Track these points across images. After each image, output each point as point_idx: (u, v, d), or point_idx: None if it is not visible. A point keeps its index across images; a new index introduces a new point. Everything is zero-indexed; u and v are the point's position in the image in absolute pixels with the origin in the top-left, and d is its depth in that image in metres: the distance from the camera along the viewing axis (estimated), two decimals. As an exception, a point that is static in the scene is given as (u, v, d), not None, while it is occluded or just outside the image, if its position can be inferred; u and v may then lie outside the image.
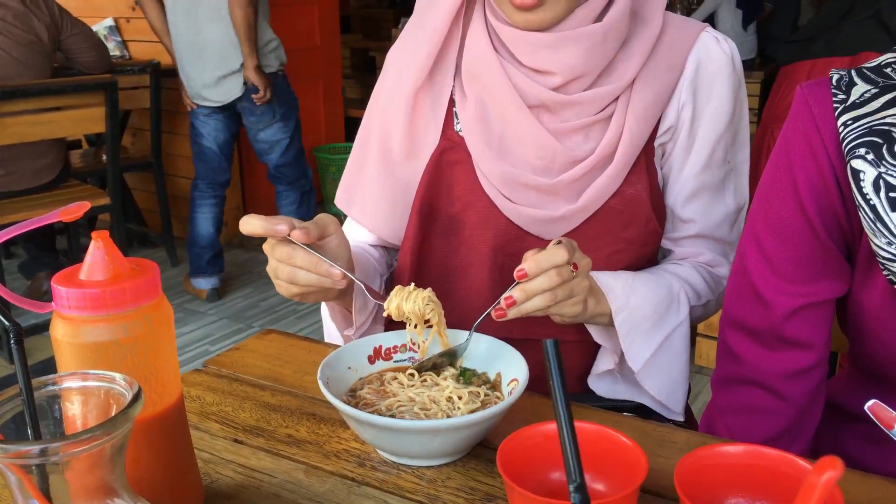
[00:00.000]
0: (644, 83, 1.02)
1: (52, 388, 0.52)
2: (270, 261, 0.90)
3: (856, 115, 0.79)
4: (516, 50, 1.00)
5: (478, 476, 0.75)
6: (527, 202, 1.03)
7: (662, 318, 1.02)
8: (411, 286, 0.89)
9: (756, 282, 0.89)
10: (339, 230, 0.93)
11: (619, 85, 1.01)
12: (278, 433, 0.83)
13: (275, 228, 0.86)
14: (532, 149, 1.02)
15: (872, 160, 0.76)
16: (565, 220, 1.03)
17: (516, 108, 1.00)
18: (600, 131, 1.03)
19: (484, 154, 1.03)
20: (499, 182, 1.02)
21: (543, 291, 0.86)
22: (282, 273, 0.89)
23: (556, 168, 1.02)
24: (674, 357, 1.03)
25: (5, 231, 0.60)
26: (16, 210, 2.98)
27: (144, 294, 0.61)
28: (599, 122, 1.02)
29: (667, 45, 1.04)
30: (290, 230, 0.86)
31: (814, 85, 0.84)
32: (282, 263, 0.88)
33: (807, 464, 0.60)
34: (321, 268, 0.88)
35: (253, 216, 0.87)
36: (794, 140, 0.84)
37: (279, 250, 0.88)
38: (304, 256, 0.88)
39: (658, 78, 1.03)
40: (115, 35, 4.26)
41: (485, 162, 1.03)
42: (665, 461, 0.76)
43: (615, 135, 1.01)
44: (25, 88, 2.89)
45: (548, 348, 0.43)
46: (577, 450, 0.43)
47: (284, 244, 0.88)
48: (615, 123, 1.02)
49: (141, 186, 4.35)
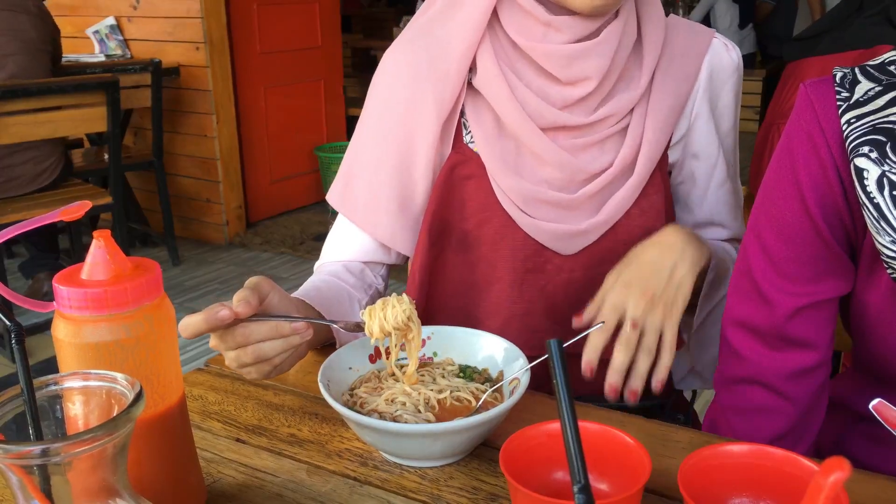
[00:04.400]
0: (660, 92, 1.02)
1: (53, 388, 0.52)
2: (227, 354, 0.82)
3: (859, 113, 0.78)
4: (550, 66, 0.97)
5: (481, 476, 0.75)
6: (547, 217, 1.02)
7: (717, 282, 1.02)
8: (380, 302, 0.84)
9: (759, 281, 0.89)
10: (273, 286, 0.86)
11: (636, 94, 1.01)
12: (280, 433, 0.83)
13: (217, 317, 0.78)
14: (548, 166, 1.01)
15: (876, 158, 0.75)
16: (587, 233, 1.02)
17: (529, 129, 0.99)
18: (616, 142, 1.03)
19: (501, 170, 1.01)
20: (518, 199, 1.01)
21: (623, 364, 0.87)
22: (247, 357, 0.81)
23: (575, 183, 1.02)
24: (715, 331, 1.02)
25: (7, 230, 0.60)
26: (16, 210, 2.97)
27: (146, 294, 0.60)
28: (615, 134, 1.02)
29: (679, 52, 1.03)
30: (233, 313, 0.78)
31: (817, 83, 0.83)
32: (241, 349, 0.81)
33: (811, 464, 0.59)
34: (284, 329, 0.81)
35: (188, 318, 0.79)
36: (798, 139, 0.84)
37: (231, 338, 0.80)
38: (260, 328, 0.80)
39: (674, 87, 1.03)
40: (116, 34, 4.26)
41: (503, 178, 1.01)
42: (669, 461, 0.76)
43: (633, 146, 1.01)
44: (26, 88, 2.88)
45: (551, 348, 0.43)
46: (581, 450, 0.43)
47: (232, 329, 0.80)
48: (632, 134, 1.01)
49: (142, 186, 4.35)
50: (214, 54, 4.08)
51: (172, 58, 4.10)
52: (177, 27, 4.09)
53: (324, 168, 4.77)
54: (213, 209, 4.32)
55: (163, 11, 4.10)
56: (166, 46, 4.13)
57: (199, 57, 4.07)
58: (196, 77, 4.11)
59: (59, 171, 3.20)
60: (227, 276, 3.82)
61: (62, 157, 3.23)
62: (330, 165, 4.73)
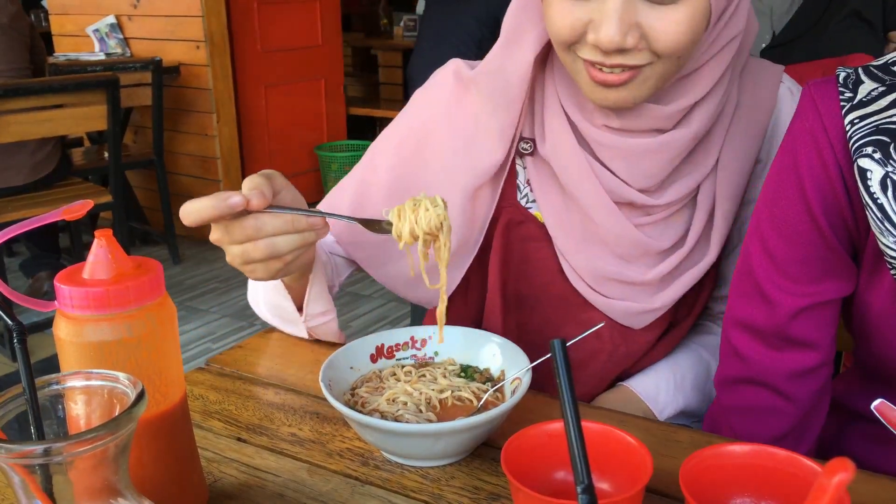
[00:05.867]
0: (729, 159, 0.96)
1: (55, 388, 0.52)
2: (231, 249, 0.76)
3: (863, 113, 0.78)
4: (599, 152, 0.94)
5: (482, 475, 0.75)
6: (617, 295, 0.99)
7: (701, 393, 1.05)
8: (410, 201, 0.77)
9: (762, 282, 0.89)
10: (287, 183, 0.79)
11: (705, 169, 0.96)
12: (281, 432, 0.83)
13: (228, 203, 0.71)
14: (617, 244, 0.97)
15: (880, 159, 0.75)
16: (658, 310, 1.00)
17: (605, 208, 0.94)
18: (686, 214, 0.99)
19: (568, 246, 0.97)
20: (588, 276, 0.98)
21: None
22: (256, 252, 0.75)
23: (644, 260, 0.99)
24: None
25: (8, 230, 0.60)
26: (17, 208, 2.98)
27: (148, 293, 0.60)
28: (684, 207, 0.99)
29: (748, 105, 0.97)
30: (245, 200, 0.72)
31: (821, 83, 0.83)
32: (250, 242, 0.75)
33: (813, 464, 0.59)
34: (300, 223, 0.75)
35: (190, 203, 0.71)
36: (801, 139, 0.84)
37: (240, 229, 0.74)
38: (274, 220, 0.74)
39: (741, 150, 0.97)
40: (116, 32, 4.26)
41: (572, 255, 0.98)
42: (671, 461, 0.75)
43: (703, 219, 0.97)
44: (27, 86, 2.89)
45: (555, 348, 0.43)
46: (584, 451, 0.43)
47: (241, 220, 0.74)
48: (702, 207, 0.97)
49: (143, 184, 4.36)
50: (215, 53, 4.08)
51: (173, 56, 4.10)
52: (177, 26, 4.09)
53: (324, 167, 4.76)
54: (213, 208, 4.31)
55: (163, 10, 4.11)
56: (167, 45, 4.13)
57: (200, 55, 4.07)
58: (196, 76, 4.11)
59: (57, 160, 3.20)
60: (228, 274, 3.81)
61: (59, 147, 3.22)
62: (330, 164, 4.73)
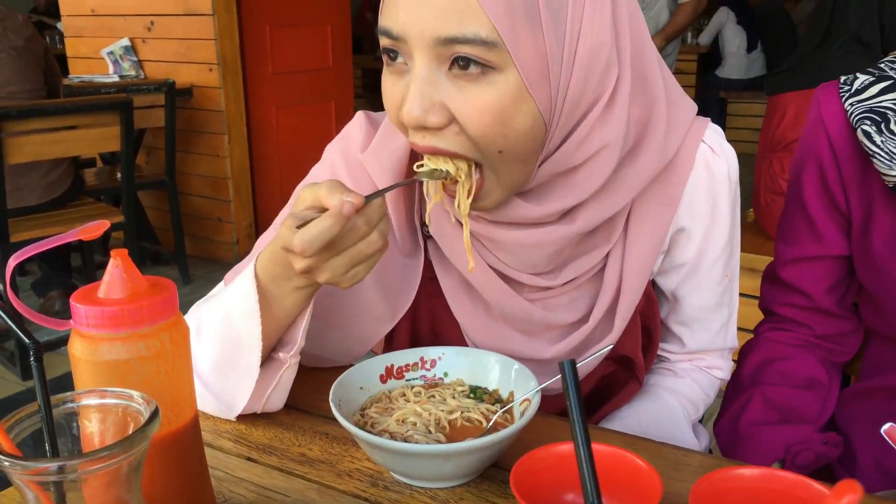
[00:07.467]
0: (638, 230, 0.91)
1: (70, 406, 0.52)
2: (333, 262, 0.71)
3: (858, 98, 0.98)
4: (478, 238, 0.90)
5: (491, 497, 0.75)
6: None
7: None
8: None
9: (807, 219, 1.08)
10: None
11: (608, 244, 0.91)
12: (291, 452, 0.83)
13: (345, 213, 0.68)
14: (518, 321, 0.95)
15: (875, 131, 0.95)
16: (555, 360, 0.96)
17: (494, 289, 0.92)
18: (593, 286, 0.95)
19: (471, 325, 0.97)
20: (488, 347, 0.95)
21: None
22: (371, 247, 0.73)
23: (547, 335, 0.96)
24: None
25: (25, 249, 0.61)
26: (30, 227, 3.00)
27: (162, 312, 0.61)
28: (593, 278, 0.95)
29: (660, 175, 0.89)
30: (361, 199, 0.69)
31: (826, 85, 1.03)
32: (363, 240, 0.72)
33: (822, 487, 0.59)
34: (383, 205, 0.74)
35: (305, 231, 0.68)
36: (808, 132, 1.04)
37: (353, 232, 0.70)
38: (375, 208, 0.72)
39: (652, 219, 0.91)
40: (130, 55, 4.31)
41: (474, 334, 0.97)
42: (680, 484, 0.75)
43: (611, 293, 0.93)
44: (41, 108, 2.92)
45: (565, 369, 0.43)
46: (594, 473, 0.43)
47: (353, 226, 0.71)
48: (610, 281, 0.93)
49: (154, 205, 4.39)
50: (227, 75, 4.12)
51: (186, 78, 4.14)
52: (190, 48, 4.14)
53: (334, 188, 4.78)
54: (224, 228, 4.34)
55: (177, 33, 4.16)
56: (180, 67, 4.18)
57: (213, 78, 4.11)
58: (209, 97, 4.15)
59: (70, 181, 3.23)
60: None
61: (71, 168, 3.26)
62: (340, 185, 4.74)
